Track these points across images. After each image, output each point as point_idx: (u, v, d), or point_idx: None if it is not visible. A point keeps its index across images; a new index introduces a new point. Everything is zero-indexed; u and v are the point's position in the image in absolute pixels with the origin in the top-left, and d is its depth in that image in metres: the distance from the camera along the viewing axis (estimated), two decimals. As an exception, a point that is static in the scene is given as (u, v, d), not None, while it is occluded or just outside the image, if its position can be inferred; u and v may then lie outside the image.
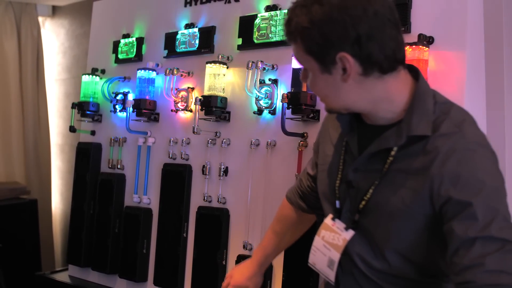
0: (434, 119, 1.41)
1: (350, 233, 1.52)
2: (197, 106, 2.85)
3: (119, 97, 3.42)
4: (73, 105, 3.52)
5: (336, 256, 1.55)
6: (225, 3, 3.02)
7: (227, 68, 2.92)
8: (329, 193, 1.61)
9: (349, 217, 1.54)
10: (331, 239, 1.56)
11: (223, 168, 2.90)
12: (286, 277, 2.60)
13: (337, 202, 1.57)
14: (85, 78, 3.55)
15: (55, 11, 5.21)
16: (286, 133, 2.56)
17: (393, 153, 1.44)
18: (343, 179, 1.55)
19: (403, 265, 1.47)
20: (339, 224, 1.55)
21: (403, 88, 1.45)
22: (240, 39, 2.90)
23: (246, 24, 2.87)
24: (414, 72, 1.50)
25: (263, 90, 2.74)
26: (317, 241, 1.62)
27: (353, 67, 1.37)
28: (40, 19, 5.14)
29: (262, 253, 2.00)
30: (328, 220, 1.59)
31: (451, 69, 2.23)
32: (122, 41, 3.49)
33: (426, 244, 1.44)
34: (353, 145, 1.54)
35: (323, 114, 2.55)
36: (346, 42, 1.35)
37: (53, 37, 5.20)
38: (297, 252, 2.52)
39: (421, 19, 2.32)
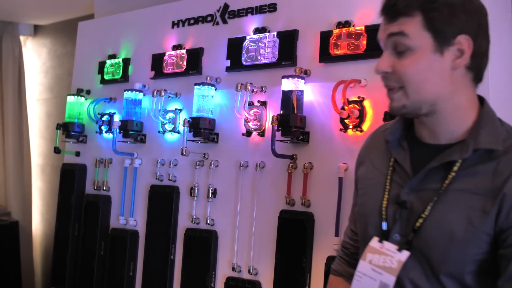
0: (503, 138, 1.38)
1: (405, 254, 1.42)
2: (186, 127, 2.85)
3: (105, 118, 3.40)
4: (58, 126, 3.50)
5: (390, 280, 1.43)
6: (213, 25, 3.03)
7: (215, 89, 2.92)
8: (373, 215, 1.52)
9: (399, 240, 1.45)
10: (382, 262, 1.45)
11: (212, 189, 2.90)
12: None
13: (384, 224, 1.48)
14: (70, 98, 3.52)
15: (37, 30, 5.19)
16: (276, 155, 2.56)
17: (455, 168, 1.38)
18: (392, 199, 1.48)
19: None
20: (389, 246, 1.45)
21: (472, 106, 1.44)
22: (229, 61, 2.90)
23: (235, 46, 2.88)
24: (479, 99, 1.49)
25: (252, 112, 2.75)
26: (363, 266, 1.49)
27: (467, 54, 1.38)
28: (22, 38, 5.12)
29: None
30: (374, 243, 1.49)
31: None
32: (108, 61, 3.48)
33: (482, 269, 1.37)
34: (405, 164, 1.48)
35: (313, 136, 2.57)
36: (471, 27, 1.37)
37: (35, 57, 5.17)
38: (286, 272, 2.54)
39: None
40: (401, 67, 1.40)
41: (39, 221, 5.01)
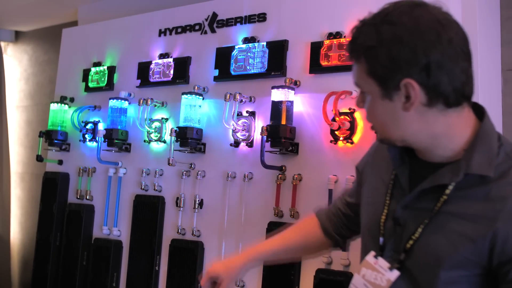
0: (498, 162, 1.31)
1: (395, 273, 1.39)
2: (173, 137, 2.81)
3: (89, 126, 3.36)
4: (41, 134, 3.44)
5: None
6: (201, 33, 3.00)
7: (203, 99, 2.89)
8: (373, 228, 1.49)
9: (392, 256, 1.42)
10: (373, 278, 1.44)
11: (198, 200, 2.86)
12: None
13: (381, 239, 1.45)
14: (54, 106, 3.48)
15: (18, 36, 5.11)
16: (266, 166, 2.54)
17: (447, 191, 1.33)
18: (390, 214, 1.45)
19: None
20: (382, 263, 1.43)
21: (465, 126, 1.35)
22: (217, 70, 2.88)
23: (223, 56, 2.86)
24: (479, 112, 1.40)
25: (240, 122, 2.73)
26: (357, 279, 1.49)
27: (418, 96, 1.28)
28: (3, 44, 5.03)
29: (257, 249, 1.80)
30: (370, 257, 1.47)
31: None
32: (93, 69, 3.44)
33: None
34: (403, 180, 1.44)
35: (302, 147, 2.55)
36: (414, 67, 1.25)
37: (16, 63, 5.09)
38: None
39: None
40: (366, 109, 1.39)
41: (17, 230, 4.91)
